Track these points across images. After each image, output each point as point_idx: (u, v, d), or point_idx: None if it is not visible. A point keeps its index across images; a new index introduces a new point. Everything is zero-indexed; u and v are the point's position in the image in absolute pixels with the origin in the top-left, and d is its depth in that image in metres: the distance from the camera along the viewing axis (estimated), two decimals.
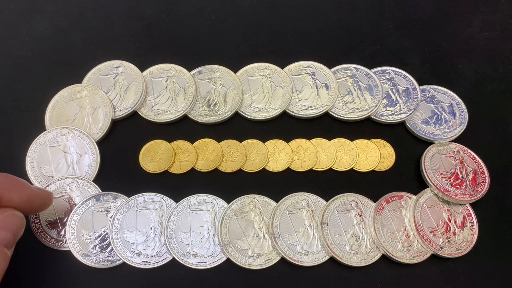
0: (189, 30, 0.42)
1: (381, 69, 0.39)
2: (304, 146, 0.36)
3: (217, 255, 0.32)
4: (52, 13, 0.42)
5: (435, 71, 0.40)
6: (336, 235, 0.33)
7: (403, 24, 0.43)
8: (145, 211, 0.33)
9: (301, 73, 0.39)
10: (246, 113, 0.37)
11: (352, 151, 0.36)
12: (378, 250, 0.33)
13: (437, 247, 0.33)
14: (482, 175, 0.35)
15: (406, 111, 0.37)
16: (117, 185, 0.35)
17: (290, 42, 0.41)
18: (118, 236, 0.32)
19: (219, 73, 0.39)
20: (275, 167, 0.36)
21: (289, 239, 0.33)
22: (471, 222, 0.34)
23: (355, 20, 0.43)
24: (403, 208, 0.34)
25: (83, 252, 0.32)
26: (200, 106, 0.37)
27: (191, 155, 0.36)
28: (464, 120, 0.37)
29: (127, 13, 0.42)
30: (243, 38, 0.41)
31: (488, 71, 0.40)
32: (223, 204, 0.34)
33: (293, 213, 0.34)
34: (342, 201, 0.34)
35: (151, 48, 0.40)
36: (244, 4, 0.43)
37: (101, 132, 0.36)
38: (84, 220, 0.33)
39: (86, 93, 0.37)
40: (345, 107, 0.38)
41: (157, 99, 0.38)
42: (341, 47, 0.41)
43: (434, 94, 0.39)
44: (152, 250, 0.32)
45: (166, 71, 0.39)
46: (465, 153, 0.36)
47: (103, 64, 0.39)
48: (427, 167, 0.35)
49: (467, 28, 0.43)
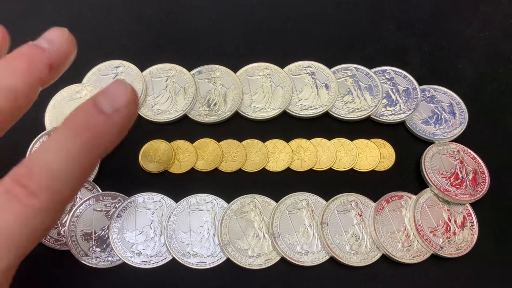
0: (189, 30, 0.42)
1: (381, 69, 0.39)
2: (304, 146, 0.36)
3: (217, 255, 0.32)
4: (52, 13, 0.42)
5: (435, 71, 0.40)
6: (336, 235, 0.33)
7: (403, 24, 0.43)
8: (145, 211, 0.33)
9: (301, 73, 0.39)
10: (246, 113, 0.37)
11: (352, 151, 0.36)
12: (378, 250, 0.33)
13: (437, 247, 0.33)
14: (482, 175, 0.35)
15: (406, 111, 0.37)
16: (117, 185, 0.35)
17: (290, 41, 0.41)
18: (118, 236, 0.32)
19: (219, 73, 0.39)
20: (275, 167, 0.36)
21: (289, 239, 0.33)
22: (471, 222, 0.34)
23: (355, 20, 0.43)
24: (403, 208, 0.34)
25: (83, 252, 0.32)
26: (200, 106, 0.37)
27: (191, 155, 0.36)
28: (464, 120, 0.37)
29: (127, 13, 0.42)
30: (243, 38, 0.41)
31: (488, 71, 0.40)
32: (223, 204, 0.34)
33: (293, 213, 0.34)
34: (342, 201, 0.34)
35: (151, 48, 0.40)
36: (244, 4, 0.43)
37: None
38: (84, 220, 0.33)
39: (86, 93, 0.37)
40: (345, 107, 0.38)
41: (157, 99, 0.38)
42: (341, 47, 0.41)
43: (434, 94, 0.39)
44: (152, 250, 0.32)
45: (166, 71, 0.39)
46: (465, 153, 0.36)
47: (103, 64, 0.39)
48: (427, 167, 0.35)
49: (467, 28, 0.43)
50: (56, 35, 0.22)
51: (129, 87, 0.21)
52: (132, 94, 0.21)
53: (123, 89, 0.21)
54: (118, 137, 0.21)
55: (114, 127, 0.20)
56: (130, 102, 0.21)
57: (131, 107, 0.21)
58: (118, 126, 0.20)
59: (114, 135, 0.21)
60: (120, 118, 0.20)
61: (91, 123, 0.20)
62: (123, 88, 0.21)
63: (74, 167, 0.19)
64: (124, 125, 0.21)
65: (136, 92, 0.21)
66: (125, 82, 0.21)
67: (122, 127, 0.21)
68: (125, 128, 0.21)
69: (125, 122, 0.21)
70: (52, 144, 0.20)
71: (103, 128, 0.20)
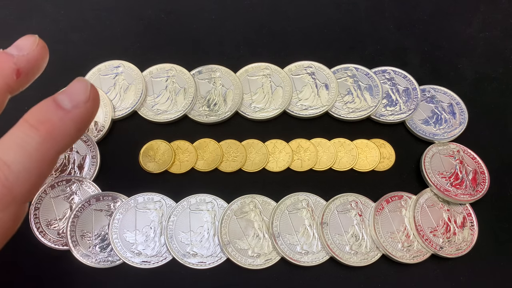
0: (189, 30, 0.42)
1: (381, 69, 0.39)
2: (304, 146, 0.36)
3: (217, 255, 0.32)
4: (52, 13, 0.42)
5: (435, 71, 0.40)
6: (336, 235, 0.33)
7: (403, 24, 0.43)
8: (145, 211, 0.33)
9: (301, 73, 0.39)
10: (246, 113, 0.37)
11: (352, 151, 0.36)
12: (378, 250, 0.33)
13: (437, 247, 0.33)
14: (482, 175, 0.35)
15: (406, 111, 0.37)
16: (117, 185, 0.35)
17: (290, 42, 0.41)
18: (118, 236, 0.32)
19: (219, 73, 0.39)
20: (275, 167, 0.36)
21: (289, 239, 0.33)
22: (471, 222, 0.34)
23: (355, 20, 0.43)
24: (403, 208, 0.34)
25: (83, 252, 0.32)
26: (200, 106, 0.37)
27: (191, 155, 0.36)
28: (464, 120, 0.37)
29: (127, 13, 0.42)
30: (243, 38, 0.41)
31: (488, 71, 0.40)
32: (223, 204, 0.34)
33: (293, 213, 0.34)
34: (342, 201, 0.34)
35: (151, 48, 0.40)
36: (244, 4, 0.43)
37: (101, 132, 0.36)
38: (84, 220, 0.33)
39: None
40: (345, 107, 0.38)
41: (157, 99, 0.38)
42: (341, 47, 0.41)
43: (434, 94, 0.39)
44: (152, 250, 0.32)
45: (166, 71, 0.39)
46: (465, 153, 0.36)
47: (103, 64, 0.39)
48: (427, 167, 0.35)
49: (467, 28, 0.43)
50: (26, 42, 0.23)
51: (89, 84, 0.22)
52: (92, 92, 0.22)
53: (83, 87, 0.21)
54: (77, 133, 0.21)
55: (73, 123, 0.21)
56: (90, 99, 0.21)
57: (90, 103, 0.21)
58: (77, 122, 0.21)
59: (73, 131, 0.21)
60: (79, 114, 0.21)
61: (50, 118, 0.20)
62: (83, 85, 0.22)
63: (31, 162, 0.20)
64: (83, 121, 0.21)
65: (97, 90, 0.22)
66: (85, 80, 0.22)
67: (81, 123, 0.21)
68: (85, 124, 0.22)
69: (85, 118, 0.21)
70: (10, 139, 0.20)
71: (61, 124, 0.21)
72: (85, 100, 0.21)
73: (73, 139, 0.22)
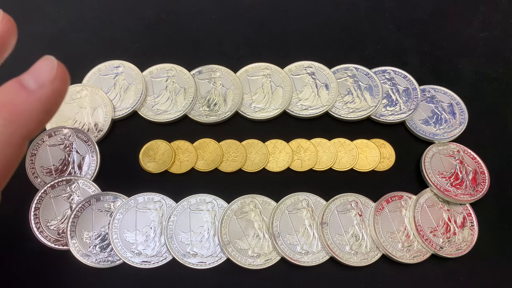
0: (189, 30, 0.42)
1: (381, 69, 0.39)
2: (304, 146, 0.36)
3: (217, 255, 0.32)
4: (52, 13, 0.42)
5: (435, 71, 0.40)
6: (336, 235, 0.33)
7: (403, 24, 0.43)
8: (145, 211, 0.33)
9: (301, 73, 0.39)
10: (246, 113, 0.37)
11: (352, 151, 0.36)
12: (378, 250, 0.33)
13: (437, 247, 0.33)
14: (482, 175, 0.35)
15: (406, 111, 0.37)
16: (117, 185, 0.35)
17: (290, 42, 0.41)
18: (118, 236, 0.32)
19: (219, 73, 0.39)
20: (275, 167, 0.36)
21: (289, 239, 0.33)
22: (471, 222, 0.34)
23: (355, 20, 0.43)
24: (403, 208, 0.34)
25: (83, 252, 0.32)
26: (200, 106, 0.37)
27: (191, 155, 0.36)
28: (464, 120, 0.37)
29: (127, 13, 0.42)
30: (243, 38, 0.41)
31: (488, 71, 0.40)
32: (223, 204, 0.34)
33: (293, 213, 0.34)
34: (342, 201, 0.34)
35: (151, 48, 0.40)
36: (244, 4, 0.43)
37: (101, 132, 0.36)
38: (84, 220, 0.33)
39: (86, 93, 0.37)
40: (345, 107, 0.38)
41: (157, 99, 0.38)
42: (341, 47, 0.41)
43: (434, 94, 0.39)
44: (152, 250, 0.32)
45: (166, 71, 0.39)
46: (465, 153, 0.36)
47: (103, 64, 0.39)
48: (427, 167, 0.35)
49: (467, 28, 0.43)
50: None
51: (56, 62, 0.20)
52: (60, 70, 0.20)
53: (49, 65, 0.20)
54: (45, 115, 0.20)
55: (38, 104, 0.19)
56: (57, 78, 0.20)
57: (58, 83, 0.20)
58: (44, 103, 0.19)
59: (41, 113, 0.19)
60: (45, 94, 0.19)
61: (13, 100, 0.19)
62: (49, 63, 0.20)
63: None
64: (51, 102, 0.20)
65: (65, 68, 0.20)
66: (51, 58, 0.20)
67: (49, 104, 0.20)
68: (53, 105, 0.20)
69: (52, 98, 0.20)
70: None
71: (26, 105, 0.19)
72: (51, 79, 0.19)
73: (42, 121, 0.20)
